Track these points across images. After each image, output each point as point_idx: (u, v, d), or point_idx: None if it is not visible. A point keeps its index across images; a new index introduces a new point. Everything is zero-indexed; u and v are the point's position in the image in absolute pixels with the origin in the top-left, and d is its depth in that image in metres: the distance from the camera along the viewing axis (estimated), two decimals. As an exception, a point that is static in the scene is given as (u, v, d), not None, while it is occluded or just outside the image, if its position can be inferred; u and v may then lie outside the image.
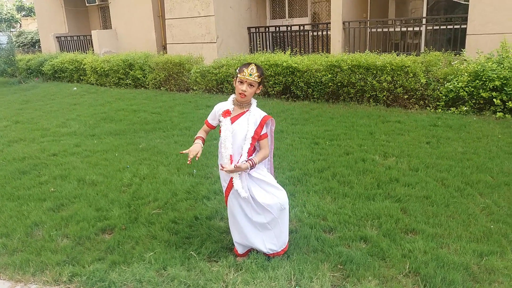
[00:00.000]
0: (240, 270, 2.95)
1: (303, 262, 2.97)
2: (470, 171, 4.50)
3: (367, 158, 5.02)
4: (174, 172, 4.91)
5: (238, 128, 2.85)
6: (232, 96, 2.95)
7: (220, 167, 2.90)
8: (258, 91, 2.87)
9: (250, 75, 2.76)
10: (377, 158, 5.03)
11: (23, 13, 33.36)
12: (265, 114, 2.91)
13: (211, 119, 3.02)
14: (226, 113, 2.87)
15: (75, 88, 11.86)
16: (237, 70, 2.85)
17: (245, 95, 2.80)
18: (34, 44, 22.80)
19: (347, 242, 3.25)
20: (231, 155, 2.85)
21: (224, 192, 3.03)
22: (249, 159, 2.81)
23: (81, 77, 13.00)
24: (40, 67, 14.06)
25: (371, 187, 4.22)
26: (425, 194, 3.99)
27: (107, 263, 3.12)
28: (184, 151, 2.83)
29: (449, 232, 3.32)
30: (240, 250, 3.13)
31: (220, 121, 2.93)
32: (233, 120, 2.87)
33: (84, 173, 4.99)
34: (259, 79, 2.80)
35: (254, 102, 2.93)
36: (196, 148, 2.86)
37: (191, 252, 3.19)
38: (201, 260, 3.10)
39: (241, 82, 2.79)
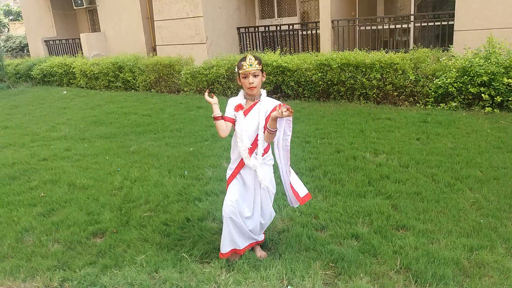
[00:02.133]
0: (232, 270, 2.94)
1: (295, 261, 2.98)
2: (459, 166, 4.54)
3: (358, 155, 5.04)
4: (165, 174, 4.89)
5: (250, 119, 2.88)
6: (242, 91, 2.97)
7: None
8: (263, 79, 2.91)
9: (251, 65, 2.79)
10: (368, 156, 5.06)
11: (11, 17, 33.00)
12: (278, 103, 2.87)
13: (228, 113, 2.94)
14: (239, 107, 2.89)
15: (64, 92, 11.78)
16: (236, 69, 2.88)
17: (254, 87, 2.82)
18: (22, 49, 22.58)
19: (338, 240, 3.26)
20: (249, 148, 2.87)
21: (228, 177, 2.99)
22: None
23: (71, 81, 12.91)
24: (29, 72, 13.93)
25: (362, 184, 4.24)
26: (416, 190, 4.01)
27: (98, 267, 3.10)
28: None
29: (439, 228, 3.34)
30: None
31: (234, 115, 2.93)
32: (245, 113, 2.90)
33: (74, 177, 4.96)
34: (260, 66, 2.83)
35: (263, 92, 2.95)
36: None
37: (183, 254, 3.18)
38: (193, 262, 3.09)
39: (246, 77, 2.82)
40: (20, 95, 12.01)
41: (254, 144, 2.89)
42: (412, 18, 9.98)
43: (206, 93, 2.93)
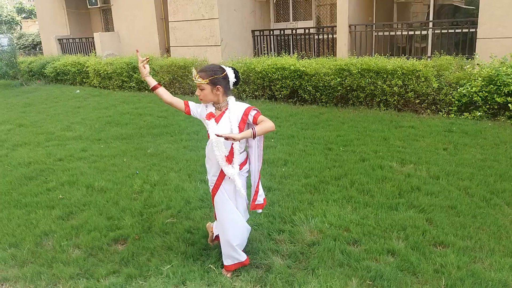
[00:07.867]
0: (265, 286, 2.79)
1: (330, 278, 2.82)
2: (493, 179, 4.35)
3: (384, 165, 4.87)
4: (186, 179, 4.76)
5: (222, 127, 2.79)
6: None
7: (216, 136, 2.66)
8: (218, 92, 2.75)
9: (195, 78, 2.76)
10: (395, 165, 4.89)
11: (24, 15, 33.18)
12: (247, 106, 2.79)
13: (194, 106, 2.94)
14: (210, 115, 2.83)
15: (78, 91, 11.71)
16: None
17: (201, 99, 2.80)
18: (35, 46, 22.61)
19: (373, 255, 3.10)
20: (226, 155, 2.79)
21: (211, 189, 2.91)
22: (251, 128, 2.64)
23: (84, 80, 12.84)
24: (42, 70, 13.90)
25: (392, 196, 4.07)
26: (450, 204, 3.84)
27: (122, 276, 2.97)
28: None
29: (480, 245, 3.17)
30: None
31: (205, 124, 2.88)
32: (217, 121, 2.83)
33: (92, 179, 4.84)
34: (204, 80, 2.71)
35: (231, 99, 2.84)
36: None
37: (210, 265, 3.05)
38: (221, 274, 2.95)
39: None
40: (33, 93, 11.95)
41: (231, 152, 2.80)
42: (430, 24, 9.80)
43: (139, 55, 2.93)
